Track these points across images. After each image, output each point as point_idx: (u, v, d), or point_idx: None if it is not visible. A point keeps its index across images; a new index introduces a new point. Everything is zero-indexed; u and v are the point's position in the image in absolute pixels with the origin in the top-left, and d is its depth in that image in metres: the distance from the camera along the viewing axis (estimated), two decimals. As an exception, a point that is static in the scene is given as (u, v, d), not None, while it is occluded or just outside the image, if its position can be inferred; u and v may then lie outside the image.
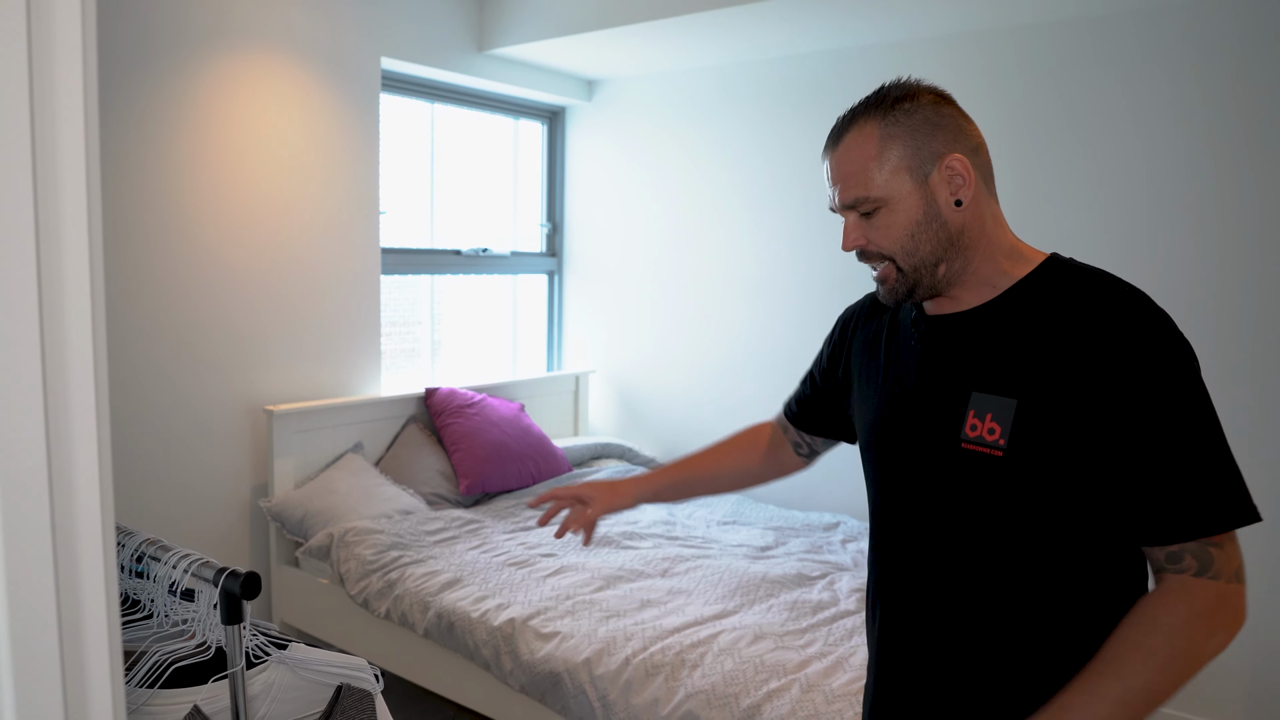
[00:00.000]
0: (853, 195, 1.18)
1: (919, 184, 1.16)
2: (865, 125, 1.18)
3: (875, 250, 1.20)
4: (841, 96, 3.73)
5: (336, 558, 3.04)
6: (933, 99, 1.19)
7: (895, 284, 1.21)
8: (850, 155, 1.18)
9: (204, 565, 1.10)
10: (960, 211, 1.17)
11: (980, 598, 1.16)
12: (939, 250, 1.17)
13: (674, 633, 2.45)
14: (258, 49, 3.22)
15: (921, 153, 1.16)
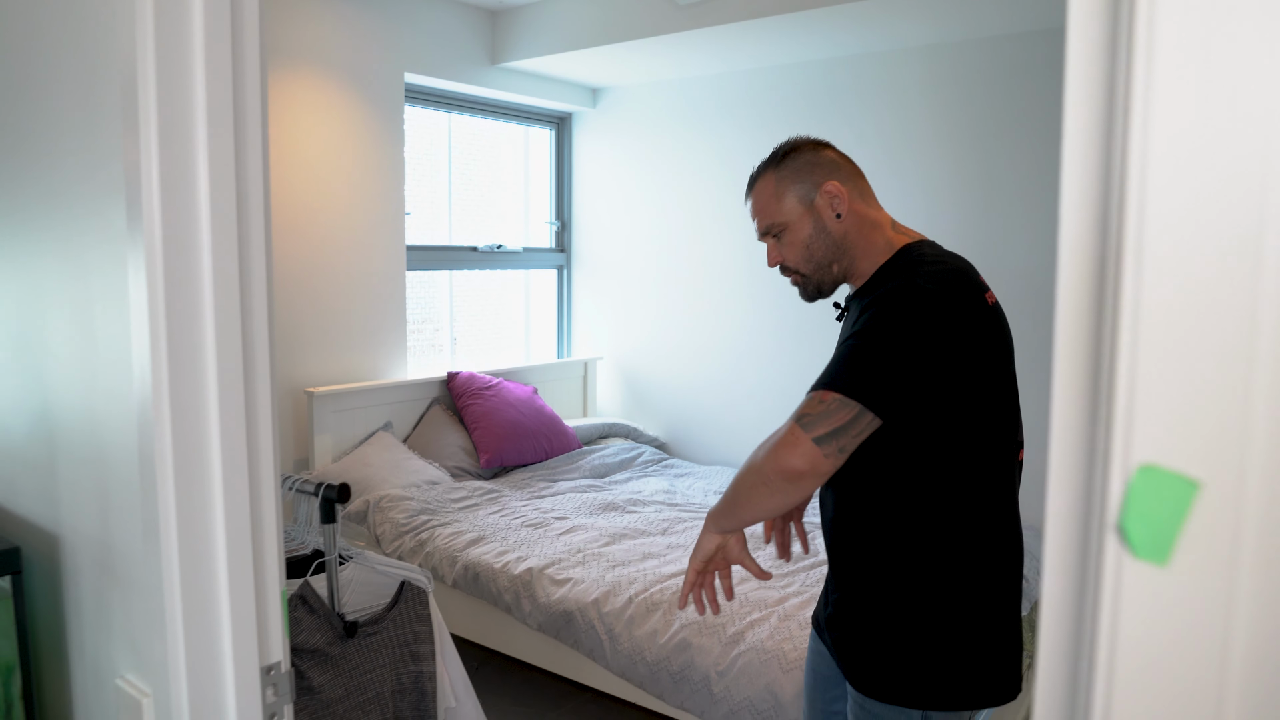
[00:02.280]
0: (765, 224, 1.59)
1: (807, 208, 1.55)
2: (766, 176, 1.60)
3: (788, 265, 1.60)
4: (829, 103, 4.08)
5: (373, 521, 3.41)
6: (811, 147, 1.59)
7: (804, 286, 1.61)
8: (759, 198, 1.60)
9: (305, 482, 1.47)
10: (841, 222, 1.54)
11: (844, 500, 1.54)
12: (830, 254, 1.55)
13: (671, 578, 2.82)
14: (295, 68, 3.59)
15: (805, 185, 1.55)
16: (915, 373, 1.35)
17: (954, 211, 3.79)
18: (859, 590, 1.52)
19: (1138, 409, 0.38)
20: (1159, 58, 0.36)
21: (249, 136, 1.05)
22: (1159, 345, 0.37)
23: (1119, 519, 0.39)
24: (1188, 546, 0.38)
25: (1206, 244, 0.37)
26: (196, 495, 1.03)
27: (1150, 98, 0.36)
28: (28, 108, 1.19)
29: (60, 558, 1.24)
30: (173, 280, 0.99)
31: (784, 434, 1.35)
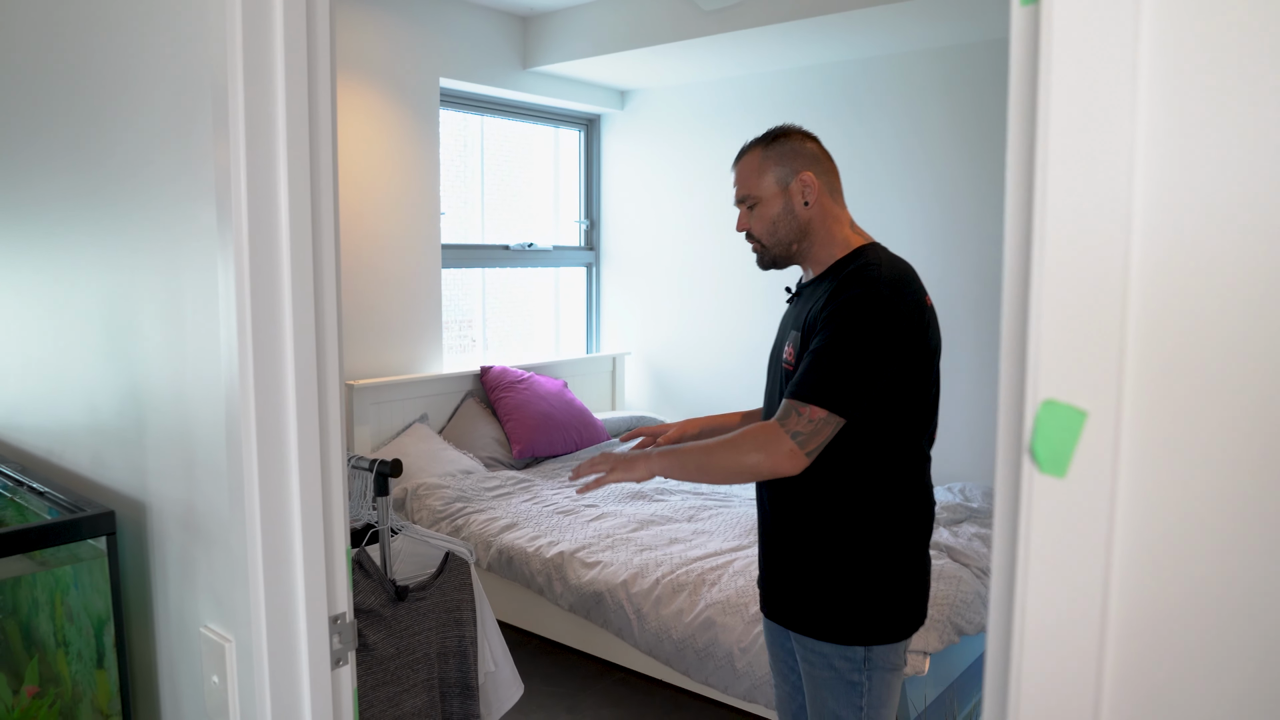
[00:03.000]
0: (741, 194, 1.77)
1: (782, 190, 1.73)
2: (754, 151, 1.77)
3: (753, 234, 1.78)
4: (847, 104, 4.19)
5: (411, 508, 3.56)
6: (800, 136, 1.77)
7: (761, 255, 1.80)
8: (743, 169, 1.78)
9: (360, 459, 1.61)
10: (807, 210, 1.73)
11: None
12: (792, 235, 1.74)
13: (697, 560, 2.94)
14: (339, 74, 3.75)
15: (785, 169, 1.73)
16: (878, 376, 1.58)
17: (969, 211, 3.88)
18: (802, 547, 1.71)
19: (1043, 359, 0.50)
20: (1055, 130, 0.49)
21: (321, 143, 1.18)
22: (1056, 316, 0.49)
23: (1030, 443, 0.51)
24: (1079, 462, 0.50)
25: (1085, 246, 0.49)
26: (276, 466, 1.17)
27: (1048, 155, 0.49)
28: (123, 114, 1.33)
29: (147, 522, 1.38)
30: (257, 276, 1.13)
31: (777, 444, 1.55)
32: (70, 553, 1.44)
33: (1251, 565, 0.48)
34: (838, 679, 1.69)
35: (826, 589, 1.69)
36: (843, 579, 1.68)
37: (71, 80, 1.44)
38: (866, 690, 1.69)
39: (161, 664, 1.40)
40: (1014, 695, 0.54)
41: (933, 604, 2.65)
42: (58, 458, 1.65)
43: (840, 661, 1.68)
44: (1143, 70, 0.47)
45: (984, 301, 3.88)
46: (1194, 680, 0.51)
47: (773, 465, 1.56)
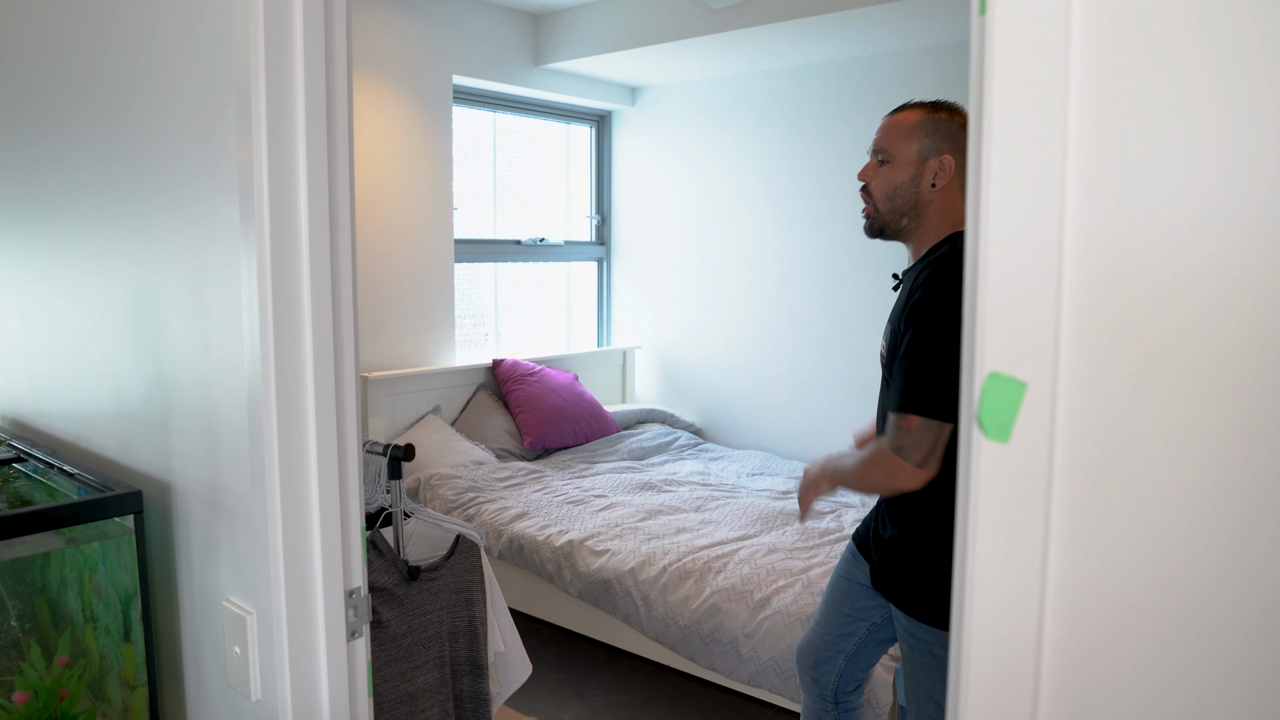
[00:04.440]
0: (880, 145, 1.74)
1: (919, 161, 1.70)
2: (913, 110, 1.74)
3: (871, 189, 1.76)
4: (852, 99, 4.23)
5: (424, 497, 3.64)
6: (961, 121, 1.73)
7: (873, 220, 1.78)
8: (895, 125, 1.74)
9: (374, 444, 1.68)
10: (933, 192, 1.70)
11: None
12: (907, 207, 1.72)
13: (703, 549, 3.00)
14: (354, 72, 3.81)
15: (932, 143, 1.70)
16: None
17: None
18: (915, 532, 1.74)
19: (988, 335, 0.56)
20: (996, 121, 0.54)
21: (339, 142, 1.25)
22: (997, 295, 0.55)
23: (978, 412, 0.57)
24: (1020, 429, 0.55)
25: (1022, 230, 0.55)
26: (295, 448, 1.24)
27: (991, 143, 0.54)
28: (150, 112, 1.40)
29: (171, 501, 1.45)
30: (278, 269, 1.19)
31: (888, 463, 1.59)
32: (99, 530, 1.51)
33: (1180, 525, 0.54)
34: (934, 663, 1.72)
35: (931, 571, 1.70)
36: (945, 562, 1.69)
37: (100, 78, 1.51)
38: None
39: (185, 636, 1.47)
40: (966, 640, 0.60)
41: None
42: (86, 442, 1.72)
43: (939, 649, 1.71)
44: (1074, 70, 0.52)
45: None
46: (1130, 640, 0.56)
47: (891, 484, 1.60)
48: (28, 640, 1.55)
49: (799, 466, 4.25)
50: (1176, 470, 0.53)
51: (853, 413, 4.38)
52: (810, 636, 2.03)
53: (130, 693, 1.52)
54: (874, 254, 4.25)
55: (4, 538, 1.35)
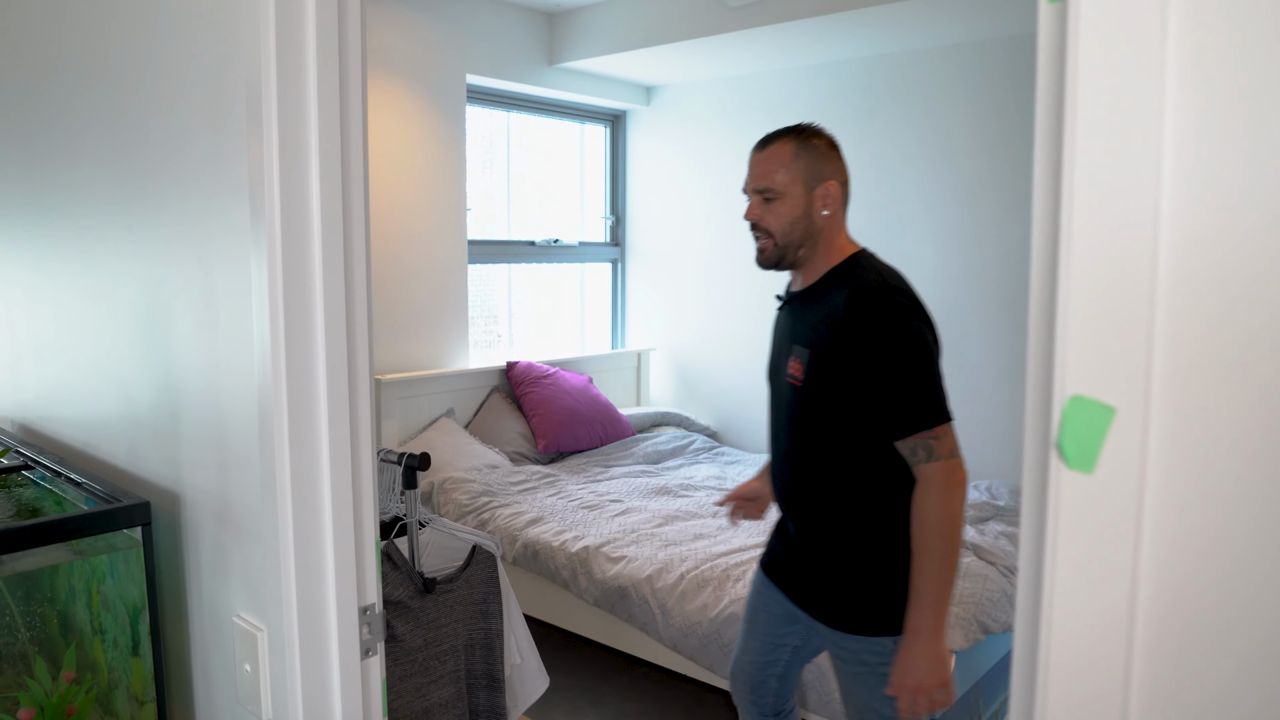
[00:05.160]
0: (764, 184, 1.75)
1: (806, 192, 1.73)
2: (786, 142, 1.76)
3: (765, 227, 1.77)
4: (869, 100, 4.17)
5: (437, 502, 3.59)
6: (828, 143, 1.78)
7: (769, 254, 1.78)
8: (771, 159, 1.75)
9: (389, 453, 1.63)
10: (824, 219, 1.74)
11: (805, 470, 1.77)
12: (803, 238, 1.75)
13: (721, 556, 2.95)
14: (368, 71, 3.78)
15: (813, 172, 1.73)
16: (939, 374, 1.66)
17: (991, 207, 3.85)
18: (830, 544, 1.75)
19: (1069, 355, 0.50)
20: (1082, 126, 0.49)
21: (352, 138, 1.20)
22: (1082, 312, 0.50)
23: (1058, 439, 0.51)
24: (1107, 458, 0.50)
25: (1112, 241, 0.49)
26: (307, 458, 1.19)
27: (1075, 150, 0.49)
28: (157, 108, 1.35)
29: (180, 513, 1.41)
30: (289, 271, 1.14)
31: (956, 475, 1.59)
32: (107, 542, 1.47)
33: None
34: (869, 672, 1.73)
35: (855, 584, 1.73)
36: (870, 572, 1.71)
37: (107, 74, 1.47)
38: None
39: (195, 652, 1.43)
40: (1041, 694, 0.54)
41: (958, 602, 2.65)
42: (94, 449, 1.68)
43: (869, 655, 1.72)
44: (1170, 65, 0.47)
45: (1010, 298, 3.85)
46: (1222, 677, 0.51)
47: (964, 489, 1.60)
48: (33, 654, 1.51)
49: (816, 471, 4.19)
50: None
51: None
52: (740, 663, 2.03)
53: (139, 708, 1.48)
54: (887, 253, 4.18)
55: (7, 551, 1.31)
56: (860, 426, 1.67)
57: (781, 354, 1.83)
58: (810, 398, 1.71)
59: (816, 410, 1.71)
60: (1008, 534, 3.19)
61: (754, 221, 1.78)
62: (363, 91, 1.21)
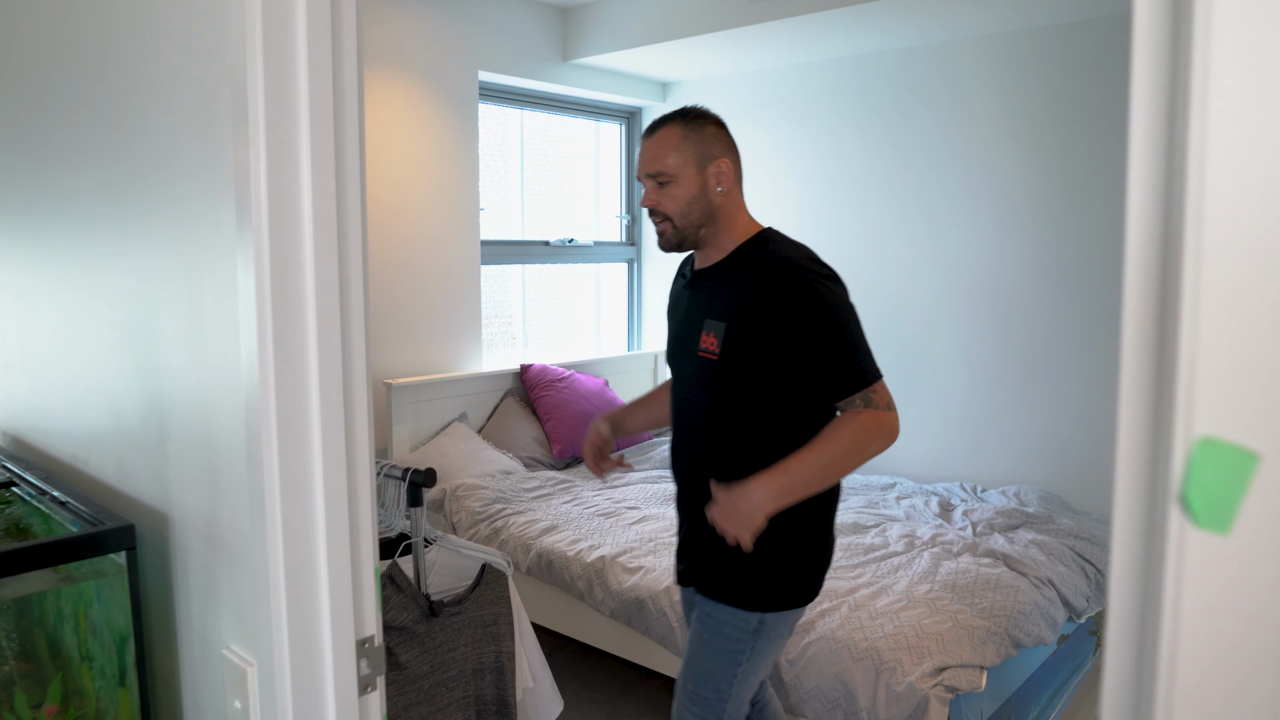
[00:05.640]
0: (656, 169, 1.75)
1: (699, 172, 1.75)
2: (672, 126, 1.77)
3: (662, 210, 1.77)
4: (890, 94, 4.05)
5: (449, 509, 3.51)
6: (717, 122, 1.80)
7: (670, 236, 1.79)
8: (661, 144, 1.76)
9: (393, 467, 1.54)
10: (720, 196, 1.77)
11: (713, 445, 1.78)
12: (702, 218, 1.77)
13: (741, 567, 2.85)
14: (374, 69, 3.70)
15: (704, 152, 1.75)
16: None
17: (1021, 204, 3.73)
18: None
19: (1198, 385, 0.40)
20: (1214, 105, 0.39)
21: (348, 137, 1.11)
22: (1218, 327, 0.39)
23: (1181, 490, 0.41)
24: (1248, 516, 0.40)
25: (1261, 228, 0.39)
26: (299, 477, 1.10)
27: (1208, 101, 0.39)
28: (144, 108, 1.27)
29: (169, 535, 1.32)
30: (278, 276, 1.05)
31: (886, 423, 1.65)
32: (93, 567, 1.38)
33: None
34: (723, 644, 1.77)
35: (735, 553, 1.74)
36: (762, 546, 1.71)
37: (94, 75, 1.39)
38: (746, 659, 1.78)
39: (185, 684, 1.34)
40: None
41: (989, 615, 2.54)
42: (83, 464, 1.60)
43: (731, 629, 1.76)
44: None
45: (1041, 298, 3.72)
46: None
47: (892, 438, 1.66)
48: (16, 683, 1.43)
49: (838, 475, 4.08)
50: None
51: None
52: None
53: (127, 741, 1.39)
54: (913, 252, 4.07)
55: (-19, 578, 1.23)
56: (777, 396, 1.71)
57: (689, 331, 1.82)
58: (726, 370, 1.73)
59: (732, 382, 1.73)
60: (1038, 543, 3.07)
61: (651, 207, 1.79)
62: (358, 89, 1.12)
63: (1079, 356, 3.64)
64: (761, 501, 1.62)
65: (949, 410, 4.03)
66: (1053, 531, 3.20)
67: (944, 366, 4.04)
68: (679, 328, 1.89)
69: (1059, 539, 3.13)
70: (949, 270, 3.98)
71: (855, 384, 1.66)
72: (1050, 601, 2.75)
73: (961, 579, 2.72)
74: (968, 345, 3.95)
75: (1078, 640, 3.04)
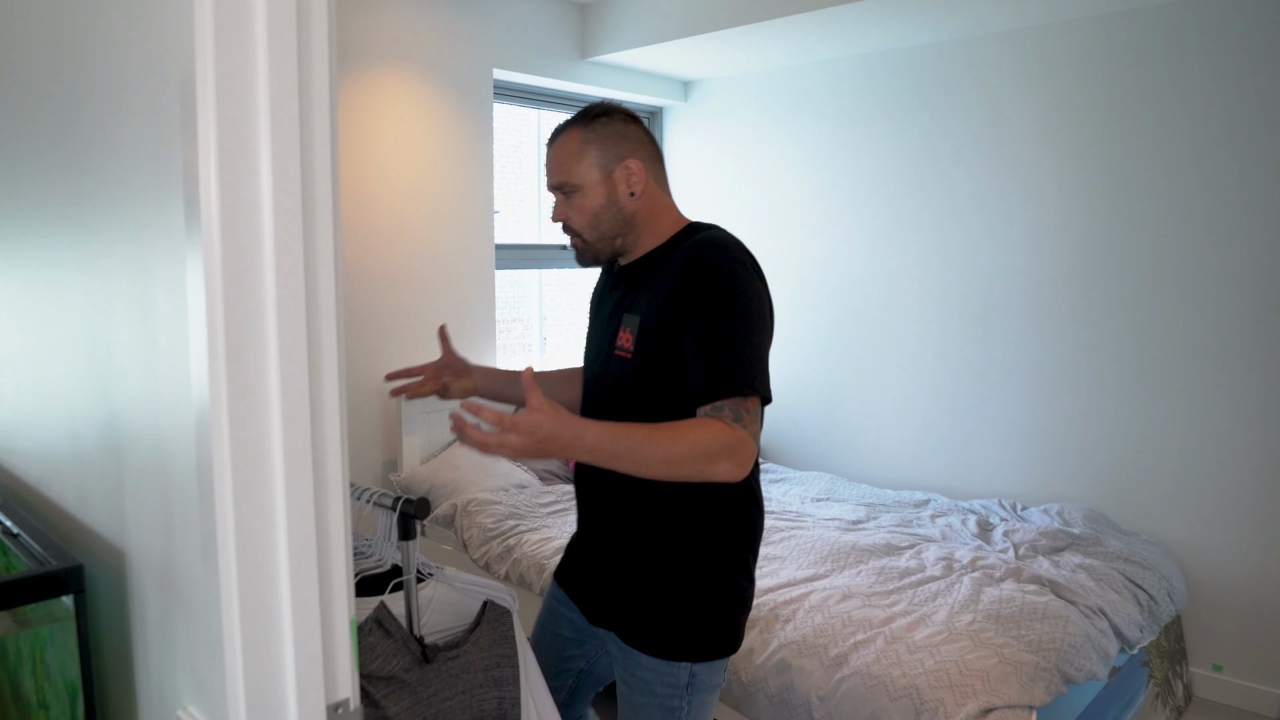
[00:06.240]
0: (559, 180, 1.59)
1: (605, 177, 1.57)
2: (572, 132, 1.59)
3: (571, 225, 1.61)
4: (919, 91, 3.87)
5: (460, 525, 3.35)
6: (623, 118, 1.61)
7: (584, 251, 1.64)
8: (561, 153, 1.59)
9: (383, 495, 1.38)
10: (633, 200, 1.59)
11: None
12: (616, 228, 1.60)
13: (768, 592, 2.67)
14: (385, 66, 3.56)
15: (608, 154, 1.57)
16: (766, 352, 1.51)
17: (1055, 205, 3.53)
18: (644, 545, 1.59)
19: None
20: None
21: (317, 133, 0.95)
22: None
23: None
24: None
25: None
26: (257, 513, 0.94)
27: None
28: (97, 99, 1.12)
29: (127, 575, 1.17)
30: (232, 280, 0.90)
31: (742, 448, 1.40)
32: (46, 610, 1.23)
33: None
34: (656, 705, 1.59)
35: (662, 595, 1.58)
36: (683, 584, 1.57)
37: (47, 68, 1.24)
38: (685, 715, 1.61)
39: (143, 743, 1.18)
40: None
41: (1037, 649, 2.35)
42: (46, 487, 1.45)
43: (661, 686, 1.59)
44: None
45: (1079, 305, 3.52)
46: None
47: (739, 473, 1.41)
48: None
49: (868, 489, 3.89)
50: None
51: (928, 427, 4.00)
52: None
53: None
54: (943, 256, 3.88)
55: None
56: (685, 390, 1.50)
57: (605, 331, 1.67)
58: (641, 369, 1.54)
59: (647, 382, 1.54)
60: (1086, 567, 2.87)
61: (562, 221, 1.63)
62: (330, 76, 0.96)
63: (1122, 366, 3.44)
64: (573, 448, 1.31)
65: (984, 422, 3.83)
66: (1101, 554, 3.00)
67: (977, 375, 3.84)
68: (594, 330, 1.74)
69: (1108, 563, 2.93)
70: (981, 275, 3.79)
71: (734, 387, 1.41)
72: (1102, 633, 2.56)
73: (1006, 608, 2.53)
74: (1003, 353, 3.75)
75: (1129, 672, 2.84)
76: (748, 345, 1.45)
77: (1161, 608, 2.91)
